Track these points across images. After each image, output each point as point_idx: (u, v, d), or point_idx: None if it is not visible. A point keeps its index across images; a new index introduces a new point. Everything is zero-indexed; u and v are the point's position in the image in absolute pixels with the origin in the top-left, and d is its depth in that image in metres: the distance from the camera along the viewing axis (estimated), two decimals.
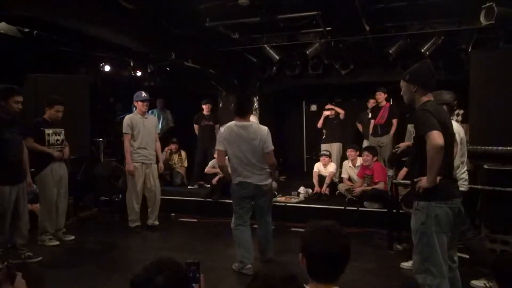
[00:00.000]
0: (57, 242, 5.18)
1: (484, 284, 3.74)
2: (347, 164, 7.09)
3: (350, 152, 6.96)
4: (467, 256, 4.49)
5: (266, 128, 4.31)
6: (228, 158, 4.34)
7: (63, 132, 5.21)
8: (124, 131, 5.79)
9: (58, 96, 5.19)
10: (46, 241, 5.11)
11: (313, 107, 10.26)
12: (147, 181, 5.90)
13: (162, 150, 8.10)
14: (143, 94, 5.90)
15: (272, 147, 4.27)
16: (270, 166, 4.36)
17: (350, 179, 6.98)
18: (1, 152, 4.19)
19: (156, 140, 6.08)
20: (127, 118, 5.86)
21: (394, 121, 7.36)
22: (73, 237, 5.42)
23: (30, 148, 4.75)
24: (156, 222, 6.06)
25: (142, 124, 5.85)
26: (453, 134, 3.06)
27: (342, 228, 1.72)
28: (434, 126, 2.67)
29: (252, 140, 4.20)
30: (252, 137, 4.20)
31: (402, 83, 3.03)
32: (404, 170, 5.91)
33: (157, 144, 6.11)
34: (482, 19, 5.03)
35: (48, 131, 5.04)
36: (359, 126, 8.21)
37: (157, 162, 6.11)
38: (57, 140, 5.14)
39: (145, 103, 5.86)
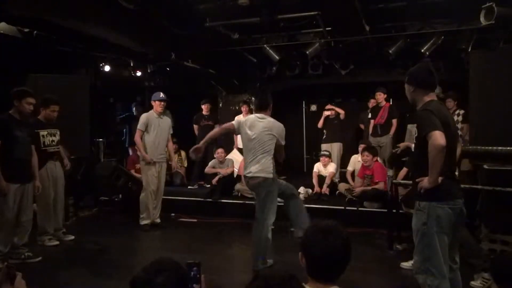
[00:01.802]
0: (57, 242, 5.18)
1: (482, 284, 3.74)
2: (356, 158, 6.97)
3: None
4: None
5: (282, 125, 4.36)
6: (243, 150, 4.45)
7: (58, 132, 5.15)
8: (138, 127, 5.96)
9: (53, 96, 5.14)
10: (45, 241, 5.11)
11: (313, 107, 10.24)
12: (157, 179, 6.04)
13: None
14: (161, 94, 6.05)
15: (284, 142, 4.35)
16: (279, 156, 4.39)
17: (354, 174, 6.92)
18: (10, 150, 4.26)
19: (169, 140, 6.23)
20: (144, 116, 6.03)
21: (394, 121, 7.36)
22: (73, 237, 5.42)
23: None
24: (158, 220, 6.13)
25: (158, 124, 5.99)
26: (456, 134, 3.05)
27: (343, 228, 1.72)
28: (435, 126, 2.67)
29: (265, 129, 4.22)
30: (266, 126, 4.25)
31: (405, 85, 3.05)
32: (404, 170, 5.91)
33: (169, 144, 6.27)
34: (482, 19, 5.03)
35: (43, 132, 4.96)
36: (362, 126, 8.20)
37: (169, 161, 6.35)
38: (53, 141, 5.08)
39: (162, 103, 5.99)
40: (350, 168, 7.05)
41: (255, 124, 4.28)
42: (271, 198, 4.22)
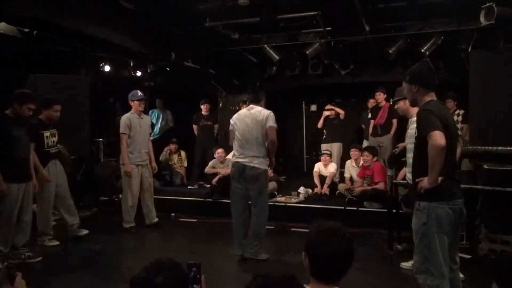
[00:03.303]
0: (57, 242, 5.17)
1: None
2: (350, 163, 7.08)
3: (354, 152, 6.93)
4: (469, 257, 4.50)
5: (270, 111, 4.57)
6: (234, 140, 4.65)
7: (57, 133, 5.15)
8: (121, 131, 5.71)
9: (54, 96, 5.13)
10: (46, 241, 5.11)
11: (313, 107, 10.24)
12: (143, 182, 5.88)
13: (162, 150, 8.14)
14: (139, 93, 5.82)
15: (274, 125, 4.48)
16: (271, 143, 4.47)
17: (351, 178, 6.98)
18: (9, 149, 4.25)
19: (149, 140, 6.05)
20: (125, 118, 5.77)
21: (394, 121, 7.35)
22: (87, 231, 5.41)
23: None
24: (156, 219, 6.07)
25: (139, 125, 5.80)
26: (456, 134, 3.05)
27: (347, 230, 1.72)
28: (436, 127, 2.67)
29: (255, 117, 4.50)
30: (255, 114, 4.52)
31: (404, 85, 3.04)
32: (404, 170, 5.91)
33: (149, 144, 6.07)
34: (482, 19, 5.03)
35: (46, 133, 4.97)
36: (364, 127, 8.20)
37: (150, 162, 6.05)
38: (54, 141, 5.09)
39: (141, 103, 5.79)
40: (347, 175, 7.08)
41: (246, 114, 4.57)
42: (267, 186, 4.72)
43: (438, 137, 2.64)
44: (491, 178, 4.50)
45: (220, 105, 9.25)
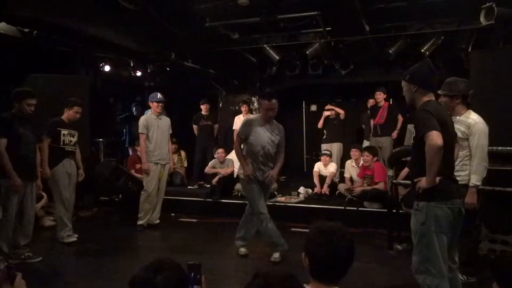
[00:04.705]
0: (75, 238, 5.22)
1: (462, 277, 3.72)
2: (350, 163, 7.07)
3: (354, 152, 6.92)
4: None
5: (245, 120, 4.71)
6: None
7: (77, 134, 5.30)
8: (140, 131, 5.85)
9: (77, 98, 5.30)
10: (65, 238, 5.16)
11: (313, 107, 10.26)
12: (160, 181, 6.00)
13: None
14: (159, 95, 5.98)
15: (236, 128, 4.61)
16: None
17: (351, 178, 6.98)
18: (15, 147, 4.30)
19: (168, 140, 6.18)
20: (142, 119, 5.93)
21: (399, 117, 7.34)
22: (76, 236, 5.41)
23: (43, 147, 4.90)
24: (157, 221, 6.12)
25: (157, 125, 5.93)
26: (454, 134, 3.04)
27: (347, 230, 1.72)
28: (433, 127, 2.67)
29: None
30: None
31: (403, 83, 3.02)
32: (405, 171, 5.91)
33: (169, 144, 6.21)
34: (482, 19, 5.03)
35: (64, 131, 5.14)
36: (364, 127, 8.20)
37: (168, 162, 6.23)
38: (71, 141, 5.23)
39: (160, 104, 5.93)
40: (347, 175, 7.08)
41: None
42: (246, 191, 4.63)
43: (435, 137, 2.64)
44: (491, 178, 4.49)
45: (220, 105, 9.26)
